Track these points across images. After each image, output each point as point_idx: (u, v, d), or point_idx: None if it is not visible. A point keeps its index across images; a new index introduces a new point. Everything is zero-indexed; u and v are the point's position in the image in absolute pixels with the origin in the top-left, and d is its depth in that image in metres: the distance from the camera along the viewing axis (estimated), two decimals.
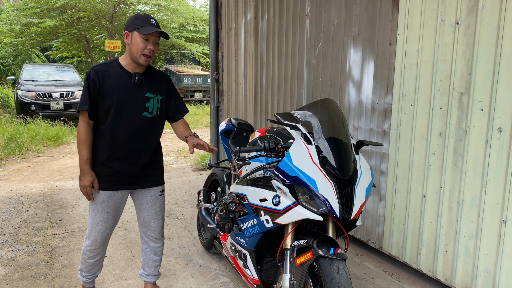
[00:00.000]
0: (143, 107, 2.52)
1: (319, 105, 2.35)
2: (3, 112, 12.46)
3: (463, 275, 2.78)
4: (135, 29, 2.42)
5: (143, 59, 2.45)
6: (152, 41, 2.45)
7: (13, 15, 16.59)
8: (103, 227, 2.60)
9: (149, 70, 2.60)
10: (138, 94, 2.51)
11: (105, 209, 2.57)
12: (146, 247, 2.81)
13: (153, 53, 2.47)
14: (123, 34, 2.50)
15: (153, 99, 2.56)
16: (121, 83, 2.47)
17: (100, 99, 2.45)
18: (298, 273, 2.07)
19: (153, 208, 2.72)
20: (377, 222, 3.44)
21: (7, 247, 3.69)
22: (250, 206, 2.42)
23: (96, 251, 2.66)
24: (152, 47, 2.45)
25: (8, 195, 5.22)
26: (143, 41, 2.41)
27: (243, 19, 5.41)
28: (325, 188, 2.00)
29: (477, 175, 2.64)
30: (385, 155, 3.32)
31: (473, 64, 2.62)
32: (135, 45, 2.42)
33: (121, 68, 2.50)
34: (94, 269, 2.74)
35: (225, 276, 3.23)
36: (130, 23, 2.45)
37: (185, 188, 5.65)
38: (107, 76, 2.46)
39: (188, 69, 19.18)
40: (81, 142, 2.47)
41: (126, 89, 2.48)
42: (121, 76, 2.48)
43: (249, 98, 5.40)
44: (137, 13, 2.80)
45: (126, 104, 2.47)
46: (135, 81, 2.49)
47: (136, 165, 2.58)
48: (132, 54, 2.45)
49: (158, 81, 2.61)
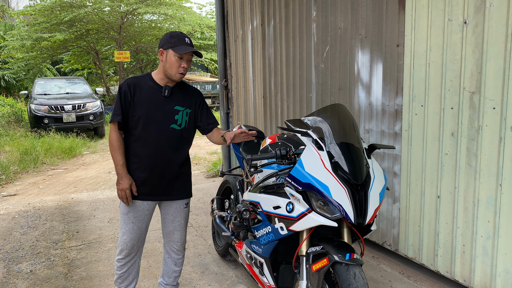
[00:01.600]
0: (172, 120, 2.60)
1: (329, 111, 2.36)
2: (17, 127, 12.67)
3: (481, 275, 2.75)
4: (170, 47, 2.49)
5: (178, 77, 2.54)
6: (186, 59, 2.53)
7: (23, 31, 16.88)
8: (128, 237, 2.64)
9: (180, 84, 2.68)
10: (167, 107, 2.59)
11: (131, 219, 2.63)
12: (168, 257, 2.87)
13: (186, 70, 2.56)
14: (158, 52, 2.59)
15: (182, 112, 2.64)
16: (151, 96, 2.57)
17: (130, 110, 2.55)
18: (315, 279, 2.07)
19: (177, 219, 2.77)
20: (392, 224, 3.43)
21: (26, 260, 3.75)
22: (264, 213, 2.43)
23: (123, 261, 2.69)
24: (186, 65, 2.54)
25: (25, 208, 5.30)
26: (177, 59, 2.50)
27: (250, 26, 5.44)
28: (339, 194, 2.00)
29: (491, 175, 2.62)
30: (397, 157, 3.31)
31: (482, 63, 2.60)
32: (170, 63, 2.51)
33: (152, 82, 2.60)
34: (124, 282, 2.74)
35: (241, 283, 3.24)
36: (165, 41, 2.53)
37: (199, 195, 5.68)
38: (138, 88, 2.56)
39: (197, 77, 19.32)
40: (114, 149, 2.55)
41: (156, 102, 2.57)
42: (152, 89, 2.58)
43: (259, 104, 5.42)
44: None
45: (155, 116, 2.56)
46: (165, 94, 2.58)
47: (164, 176, 2.63)
48: (166, 71, 2.54)
49: (188, 95, 2.69)
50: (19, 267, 3.61)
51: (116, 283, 2.76)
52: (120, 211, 2.67)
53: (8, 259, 3.79)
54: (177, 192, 2.72)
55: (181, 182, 2.73)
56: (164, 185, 2.65)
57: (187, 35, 2.58)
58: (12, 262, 3.72)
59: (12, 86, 22.45)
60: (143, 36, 18.24)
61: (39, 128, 11.11)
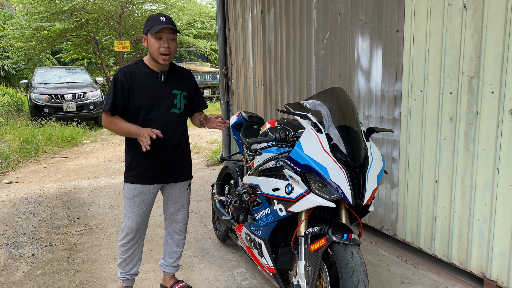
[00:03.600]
0: (172, 104, 2.62)
1: (328, 94, 2.37)
2: (17, 116, 12.68)
3: (478, 258, 2.79)
4: (147, 31, 2.48)
5: (162, 58, 2.50)
6: (166, 38, 2.47)
7: (23, 20, 16.81)
8: (134, 221, 2.66)
9: (173, 68, 2.69)
10: (166, 92, 2.60)
11: (137, 203, 2.65)
12: (170, 238, 2.90)
13: (170, 50, 2.50)
14: (142, 38, 2.58)
15: (180, 95, 2.66)
16: (149, 83, 2.56)
17: (130, 99, 2.54)
18: (313, 259, 2.11)
19: (180, 200, 2.82)
20: (390, 209, 3.46)
21: (28, 245, 3.79)
22: (263, 196, 2.46)
23: (128, 245, 2.72)
24: (167, 44, 2.47)
25: (27, 195, 5.34)
26: (156, 41, 2.46)
27: (250, 13, 5.43)
28: (337, 175, 2.02)
29: (489, 159, 2.64)
30: (396, 142, 3.33)
31: (482, 47, 2.61)
32: (151, 46, 2.48)
33: (147, 68, 2.58)
34: (127, 266, 2.77)
35: (241, 266, 3.28)
36: (144, 27, 2.53)
37: (199, 183, 5.72)
38: (134, 76, 2.54)
39: (197, 67, 19.26)
40: (114, 123, 2.53)
41: (155, 89, 2.57)
42: (148, 76, 2.57)
43: (259, 92, 5.43)
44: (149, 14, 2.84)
45: (156, 102, 2.57)
46: (161, 79, 2.57)
47: (169, 159, 2.67)
48: (152, 55, 2.53)
49: (183, 78, 2.71)
50: (21, 251, 3.65)
51: (120, 266, 2.79)
52: (125, 196, 2.67)
53: (11, 243, 3.83)
54: (181, 173, 2.77)
55: (185, 163, 2.78)
56: (169, 168, 2.69)
57: (165, 14, 2.54)
58: (15, 246, 3.76)
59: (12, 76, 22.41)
60: (143, 26, 18.15)
61: (39, 117, 11.13)
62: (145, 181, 2.64)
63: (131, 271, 2.80)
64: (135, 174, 2.63)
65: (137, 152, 2.61)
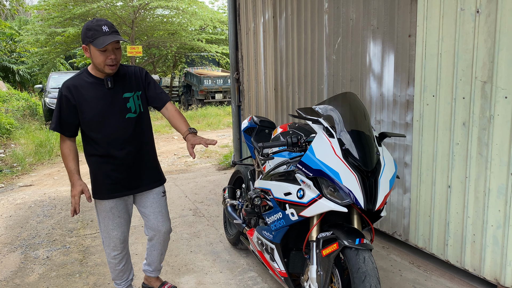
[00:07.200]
0: (125, 109, 2.45)
1: (340, 99, 2.38)
2: (32, 120, 12.88)
3: (492, 265, 2.76)
4: (89, 42, 2.28)
5: (108, 69, 2.35)
6: (111, 48, 2.31)
7: (38, 26, 17.11)
8: (119, 231, 2.59)
9: (120, 70, 2.48)
10: (116, 98, 2.43)
11: (116, 214, 2.56)
12: (154, 249, 2.78)
13: (117, 60, 2.36)
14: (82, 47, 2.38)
15: (133, 97, 2.48)
16: (96, 92, 2.40)
17: (79, 113, 2.40)
18: (325, 264, 2.11)
19: (158, 210, 2.67)
20: (403, 215, 3.44)
21: (43, 247, 3.84)
22: (275, 200, 2.47)
23: (120, 256, 2.66)
24: (113, 56, 2.32)
25: (41, 198, 5.42)
26: (101, 53, 2.29)
27: (262, 18, 5.46)
28: (349, 180, 2.03)
29: (503, 164, 2.62)
30: (408, 147, 3.32)
31: (495, 52, 2.60)
32: (95, 58, 2.31)
33: (92, 77, 2.42)
34: (125, 274, 2.76)
35: (252, 270, 3.29)
36: (83, 36, 2.31)
37: (210, 187, 5.74)
38: (80, 89, 2.38)
39: (209, 71, 19.36)
40: (64, 157, 2.45)
41: (103, 97, 2.40)
42: (94, 85, 2.40)
43: (270, 96, 5.45)
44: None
45: (107, 111, 2.41)
46: (108, 85, 2.40)
47: (132, 168, 2.52)
48: (96, 65, 2.36)
49: (131, 77, 2.52)
50: (36, 254, 3.71)
51: (116, 279, 2.74)
52: (100, 210, 2.56)
53: (25, 246, 3.89)
54: (151, 180, 2.62)
55: (152, 169, 2.63)
56: (135, 177, 2.54)
57: (105, 21, 2.32)
58: (29, 248, 3.82)
59: (27, 81, 22.80)
60: (155, 31, 18.35)
61: None
62: (114, 194, 2.52)
63: (129, 277, 2.79)
64: (102, 191, 2.51)
65: (98, 170, 2.49)
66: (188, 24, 17.59)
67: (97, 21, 2.30)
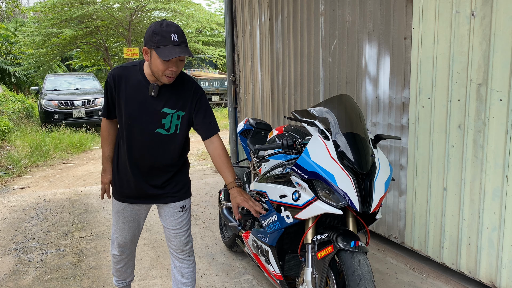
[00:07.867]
0: (157, 123, 2.23)
1: (335, 101, 2.38)
2: (28, 122, 12.82)
3: (487, 267, 2.76)
4: (153, 47, 2.07)
5: (166, 79, 2.14)
6: (175, 60, 2.10)
7: (34, 27, 17.07)
8: (120, 236, 2.49)
9: (175, 81, 2.24)
10: (153, 108, 2.21)
11: (121, 219, 2.45)
12: (174, 267, 2.52)
13: (176, 73, 2.15)
14: (142, 49, 2.19)
15: (172, 116, 2.24)
16: (137, 93, 2.21)
17: (116, 105, 2.29)
18: (320, 267, 2.10)
19: (171, 225, 2.42)
20: (398, 217, 3.44)
21: (37, 250, 3.82)
22: (270, 202, 2.46)
23: (119, 257, 2.58)
24: (175, 68, 2.11)
25: (36, 201, 5.39)
26: (163, 62, 2.07)
27: (258, 21, 5.46)
28: (344, 182, 2.02)
29: (498, 166, 2.62)
30: (404, 149, 3.32)
31: (490, 55, 2.60)
32: (155, 65, 2.11)
33: (142, 76, 2.22)
34: (123, 275, 2.68)
35: (248, 273, 3.28)
36: (147, 38, 2.10)
37: (206, 189, 5.73)
38: (124, 81, 2.22)
39: (205, 73, 19.38)
40: (102, 139, 2.43)
41: (140, 101, 2.21)
42: (140, 85, 2.21)
43: (266, 99, 5.45)
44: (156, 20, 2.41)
45: (138, 117, 2.22)
46: (151, 93, 2.18)
47: (147, 182, 2.34)
48: (153, 71, 2.15)
49: (183, 95, 2.26)
50: (30, 256, 3.68)
51: (115, 275, 2.70)
52: (112, 206, 2.49)
53: (20, 248, 3.87)
54: (168, 195, 2.39)
55: (173, 186, 2.39)
56: (144, 192, 2.35)
57: (176, 27, 2.09)
58: (24, 251, 3.80)
59: (23, 83, 22.72)
60: None
61: (49, 123, 11.25)
62: (124, 199, 2.40)
63: (127, 279, 2.73)
64: (115, 190, 2.44)
65: (116, 169, 2.39)
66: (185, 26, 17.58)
67: (167, 26, 2.07)
